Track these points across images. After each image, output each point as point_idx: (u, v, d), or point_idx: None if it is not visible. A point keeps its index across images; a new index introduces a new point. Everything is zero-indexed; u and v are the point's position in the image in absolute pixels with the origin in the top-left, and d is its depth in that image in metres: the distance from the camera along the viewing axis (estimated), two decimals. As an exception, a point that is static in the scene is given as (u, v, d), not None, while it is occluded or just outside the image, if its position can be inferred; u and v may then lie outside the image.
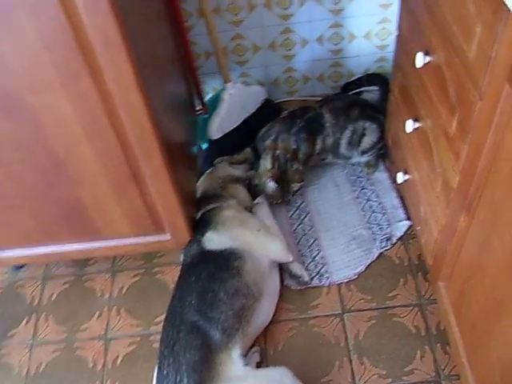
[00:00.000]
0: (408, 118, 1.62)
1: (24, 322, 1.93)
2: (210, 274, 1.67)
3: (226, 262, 1.69)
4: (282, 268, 1.89)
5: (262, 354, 1.75)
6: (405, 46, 1.64)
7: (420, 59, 1.42)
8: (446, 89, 1.33)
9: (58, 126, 1.45)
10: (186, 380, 1.48)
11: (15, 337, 1.90)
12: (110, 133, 1.47)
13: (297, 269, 1.88)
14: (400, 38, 1.68)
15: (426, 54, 1.42)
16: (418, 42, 1.51)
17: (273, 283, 1.81)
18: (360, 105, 2.06)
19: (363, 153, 2.06)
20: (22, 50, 1.27)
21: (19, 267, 2.06)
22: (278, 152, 1.99)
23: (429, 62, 1.42)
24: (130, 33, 1.30)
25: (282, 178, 1.98)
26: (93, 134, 1.47)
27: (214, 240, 1.75)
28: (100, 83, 1.35)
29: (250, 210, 1.96)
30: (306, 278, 1.87)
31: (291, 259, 1.85)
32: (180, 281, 1.75)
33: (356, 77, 2.29)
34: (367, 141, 2.03)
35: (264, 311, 1.74)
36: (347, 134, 2.01)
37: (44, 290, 2.00)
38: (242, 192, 2.00)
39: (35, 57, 1.29)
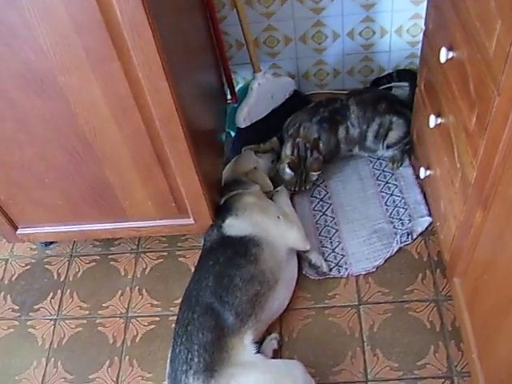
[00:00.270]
0: (431, 113, 1.62)
1: (50, 296, 2.00)
2: (227, 259, 1.71)
3: (244, 249, 1.72)
4: (301, 257, 1.91)
5: (280, 341, 1.78)
6: (431, 41, 1.64)
7: (444, 54, 1.43)
8: (468, 85, 1.34)
9: (86, 107, 1.50)
10: (196, 359, 1.52)
11: (41, 310, 1.97)
12: (136, 115, 1.52)
13: (316, 259, 1.90)
14: (427, 34, 1.68)
15: (450, 49, 1.42)
16: (443, 37, 1.51)
17: (290, 272, 1.84)
18: (388, 99, 2.07)
19: (388, 147, 2.07)
20: (55, 33, 1.33)
21: (48, 244, 2.13)
22: (298, 140, 2.01)
23: (452, 58, 1.42)
24: (159, 19, 1.35)
25: (299, 166, 2.00)
26: (120, 116, 1.52)
27: (234, 226, 1.78)
28: (128, 67, 1.39)
29: (270, 196, 1.99)
30: (325, 269, 1.89)
31: (308, 247, 1.87)
32: (198, 264, 1.79)
33: (386, 72, 2.30)
34: (393, 135, 2.04)
35: (279, 299, 1.77)
36: (374, 126, 2.02)
37: (70, 267, 2.07)
38: (263, 179, 2.02)
39: (66, 39, 1.34)
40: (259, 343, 1.71)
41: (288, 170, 1.99)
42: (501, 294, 1.29)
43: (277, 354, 1.75)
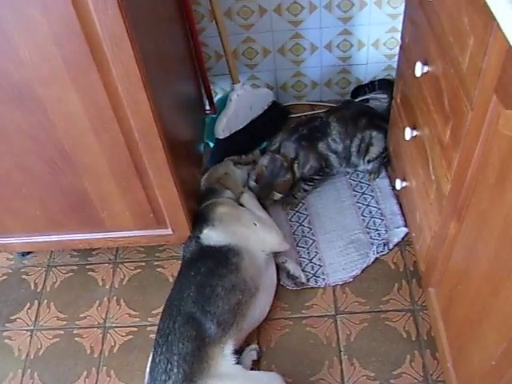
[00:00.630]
0: (407, 126, 1.65)
1: (27, 307, 1.98)
2: (209, 270, 1.72)
3: (224, 259, 1.73)
4: (280, 268, 1.92)
5: (259, 353, 1.79)
6: (407, 55, 1.68)
7: (419, 68, 1.45)
8: (442, 99, 1.37)
9: (65, 118, 1.50)
10: (175, 370, 1.53)
11: (17, 321, 1.95)
12: (115, 127, 1.52)
13: (294, 269, 1.92)
14: (403, 47, 1.72)
15: (425, 63, 1.45)
16: (418, 51, 1.54)
17: (269, 278, 1.85)
18: (367, 114, 2.10)
19: (369, 161, 2.09)
20: (34, 44, 1.33)
21: (25, 254, 2.12)
22: (278, 156, 2.03)
23: (427, 72, 1.45)
24: (138, 32, 1.36)
25: (267, 181, 2.02)
26: (99, 127, 1.52)
27: (212, 237, 1.79)
28: (107, 78, 1.40)
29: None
30: (303, 280, 1.91)
31: (288, 247, 1.90)
32: (179, 275, 1.80)
33: (368, 81, 2.33)
34: (374, 150, 2.06)
35: (260, 306, 1.78)
36: (356, 142, 2.04)
37: (48, 277, 2.05)
38: (234, 183, 2.05)
39: (46, 51, 1.34)
40: (239, 353, 1.72)
41: (252, 182, 2.03)
42: (474, 304, 1.31)
43: (256, 365, 1.76)
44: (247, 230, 1.83)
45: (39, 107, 1.47)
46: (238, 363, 1.62)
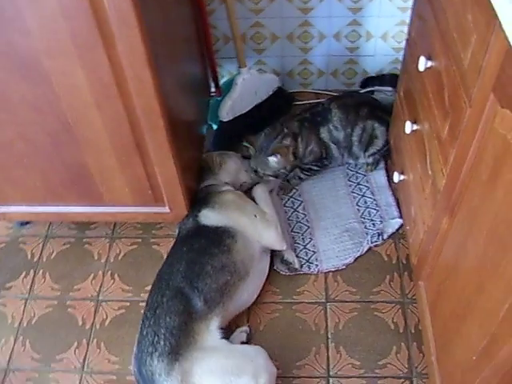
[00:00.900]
0: (408, 120, 1.66)
1: (22, 275, 2.02)
2: (201, 247, 1.74)
3: (218, 239, 1.76)
4: (274, 253, 1.94)
5: (249, 335, 1.81)
6: (412, 49, 1.68)
7: (422, 63, 1.46)
8: (443, 94, 1.38)
9: (70, 91, 1.52)
10: (162, 342, 1.56)
11: (12, 289, 1.99)
12: (118, 103, 1.53)
13: (288, 255, 1.94)
14: (409, 41, 1.72)
15: (429, 58, 1.46)
16: (423, 46, 1.55)
17: (261, 267, 1.87)
18: (370, 104, 2.10)
19: (371, 155, 2.10)
20: (42, 15, 1.34)
21: (24, 224, 2.14)
22: (278, 124, 2.05)
23: (430, 67, 1.46)
24: (146, 9, 1.37)
25: (263, 144, 2.04)
26: (102, 102, 1.54)
27: (210, 217, 1.81)
28: (112, 54, 1.41)
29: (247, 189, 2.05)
30: (297, 265, 1.93)
31: (285, 247, 1.90)
32: (172, 250, 1.82)
33: (378, 73, 2.33)
34: (378, 143, 2.07)
35: (248, 291, 1.80)
36: (358, 131, 2.04)
37: (44, 248, 2.08)
38: (235, 170, 2.08)
39: (53, 23, 1.35)
40: (226, 332, 1.74)
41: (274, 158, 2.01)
42: (460, 299, 1.33)
43: None
44: (246, 220, 1.84)
45: (44, 79, 1.48)
46: (223, 338, 1.64)
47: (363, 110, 2.06)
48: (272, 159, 1.99)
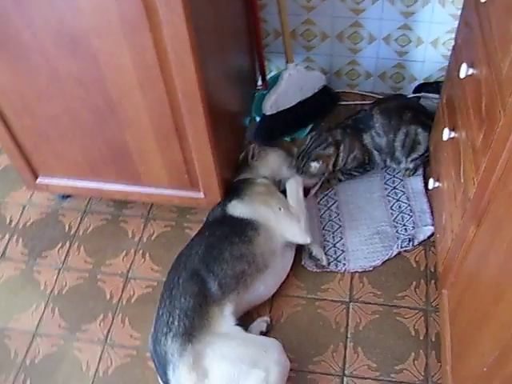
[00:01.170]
0: (446, 127, 1.65)
1: (58, 246, 2.09)
2: (222, 235, 1.78)
3: (241, 229, 1.79)
4: (303, 248, 1.96)
5: (269, 325, 1.83)
6: (457, 56, 1.67)
7: (464, 70, 1.45)
8: (481, 103, 1.36)
9: (115, 71, 1.57)
10: (176, 323, 1.59)
11: (48, 258, 2.06)
12: (160, 87, 1.58)
13: (317, 251, 1.95)
14: (455, 49, 1.71)
15: (471, 66, 1.45)
16: (467, 53, 1.54)
17: (282, 264, 1.88)
18: (414, 109, 2.08)
19: (413, 160, 2.09)
20: (93, -5, 1.41)
21: (65, 197, 2.22)
22: (323, 132, 2.09)
23: (472, 75, 1.45)
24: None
25: (307, 149, 2.07)
26: (145, 84, 1.59)
27: (238, 208, 1.84)
28: (157, 38, 1.46)
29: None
30: (324, 262, 1.93)
31: (309, 241, 1.90)
32: (195, 235, 1.87)
33: (434, 80, 2.29)
34: (420, 149, 2.05)
35: (266, 285, 1.81)
36: (400, 136, 2.03)
37: (82, 222, 2.15)
38: (277, 164, 2.09)
39: (104, 4, 1.41)
40: (247, 321, 1.78)
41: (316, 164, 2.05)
42: (477, 310, 1.32)
43: None
44: (270, 212, 1.85)
45: (92, 57, 1.54)
46: (238, 325, 1.66)
47: (407, 114, 2.04)
48: (314, 165, 2.04)
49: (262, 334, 1.80)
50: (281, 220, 1.86)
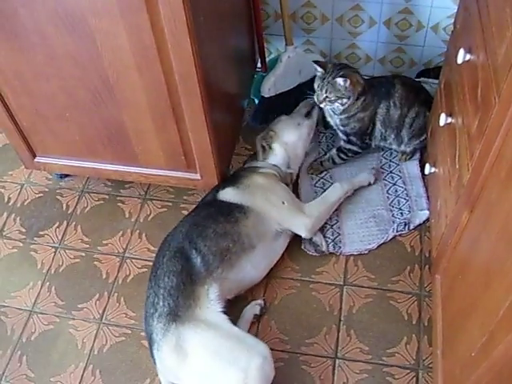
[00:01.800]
0: (443, 112, 1.65)
1: (56, 225, 2.10)
2: (208, 214, 1.80)
3: (227, 211, 1.80)
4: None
5: (264, 308, 1.84)
6: (455, 41, 1.66)
7: (461, 56, 1.45)
8: (477, 89, 1.36)
9: (112, 51, 1.57)
10: (161, 303, 1.62)
11: (45, 237, 2.08)
12: (157, 67, 1.58)
13: (317, 237, 1.94)
14: (453, 34, 1.70)
15: (468, 51, 1.44)
16: (465, 39, 1.53)
17: (274, 247, 1.87)
18: (427, 93, 2.07)
19: (414, 145, 2.07)
20: (90, -26, 1.40)
21: (62, 176, 2.22)
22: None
23: (469, 60, 1.44)
24: (191, -23, 1.40)
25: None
26: (142, 64, 1.58)
27: (229, 194, 1.85)
28: (155, 19, 1.45)
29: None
30: (324, 248, 1.93)
31: (309, 237, 1.91)
32: (184, 217, 1.89)
33: (437, 65, 2.27)
34: (424, 135, 2.04)
35: (254, 265, 1.80)
36: (412, 113, 1.99)
37: (79, 201, 2.16)
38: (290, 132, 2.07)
39: (101, -17, 1.41)
40: (242, 304, 1.80)
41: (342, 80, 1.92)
42: (467, 295, 1.33)
43: (257, 320, 1.82)
44: (270, 204, 1.85)
45: (89, 37, 1.54)
46: (225, 313, 1.65)
47: (421, 94, 2.03)
48: (340, 80, 1.89)
49: (256, 316, 1.82)
50: (283, 213, 1.86)
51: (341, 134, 2.08)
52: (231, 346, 1.57)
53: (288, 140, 2.06)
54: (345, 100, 1.93)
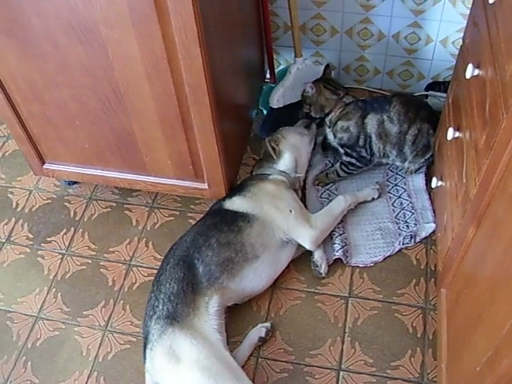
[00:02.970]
0: (451, 126, 1.66)
1: (63, 232, 2.12)
2: (212, 224, 1.82)
3: (232, 220, 1.81)
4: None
5: (270, 332, 1.81)
6: (464, 56, 1.67)
7: (470, 71, 1.45)
8: (485, 104, 1.37)
9: (123, 61, 1.59)
10: (160, 306, 1.65)
11: (52, 243, 2.09)
12: (167, 77, 1.59)
13: (318, 257, 1.91)
14: (462, 49, 1.71)
15: (477, 67, 1.45)
16: (474, 54, 1.54)
17: (278, 257, 1.86)
18: (429, 110, 2.07)
19: (419, 163, 2.07)
20: (103, -15, 1.42)
21: (71, 183, 2.24)
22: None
23: (477, 75, 1.45)
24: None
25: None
26: (153, 74, 1.60)
27: (235, 203, 1.86)
28: (166, 29, 1.47)
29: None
30: (322, 270, 1.91)
31: (313, 249, 1.90)
32: (191, 227, 1.91)
33: (445, 79, 2.29)
34: (429, 152, 2.04)
35: (256, 275, 1.80)
36: (413, 130, 1.99)
37: (87, 208, 2.17)
38: (296, 144, 2.07)
39: (113, -7, 1.42)
40: (245, 311, 1.81)
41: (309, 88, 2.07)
42: (473, 309, 1.33)
43: (262, 343, 1.80)
44: (277, 212, 1.85)
45: (101, 46, 1.56)
46: (220, 332, 1.67)
47: (423, 111, 2.03)
48: (307, 88, 2.06)
49: (261, 339, 1.79)
50: (290, 222, 1.85)
51: (338, 147, 2.10)
52: (222, 370, 1.57)
53: (294, 142, 2.07)
54: (307, 106, 2.09)
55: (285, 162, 2.03)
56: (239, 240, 1.77)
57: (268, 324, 1.82)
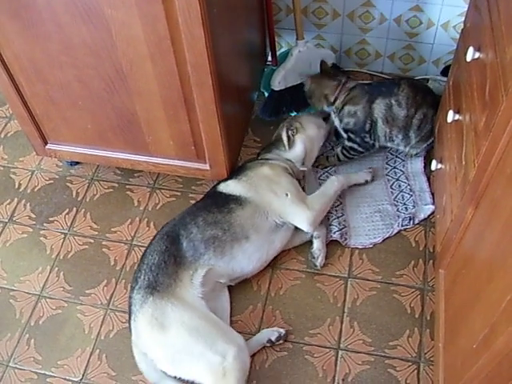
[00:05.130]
0: (451, 109, 1.67)
1: (65, 212, 2.13)
2: (203, 205, 1.87)
3: (224, 202, 1.84)
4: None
5: (281, 338, 1.78)
6: (465, 39, 1.68)
7: (470, 54, 1.46)
8: (485, 87, 1.38)
9: (127, 41, 1.59)
10: (142, 277, 1.71)
11: (54, 223, 2.11)
12: (170, 57, 1.60)
13: (317, 249, 1.92)
14: (464, 32, 1.72)
15: (478, 50, 1.46)
16: (474, 37, 1.55)
17: (271, 238, 1.85)
18: (434, 95, 2.08)
19: (421, 148, 2.09)
20: (107, -35, 1.42)
21: (73, 164, 2.25)
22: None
23: (478, 58, 1.47)
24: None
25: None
26: (156, 55, 1.61)
27: (230, 186, 1.88)
28: (169, 9, 1.48)
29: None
30: (318, 263, 1.91)
31: (311, 231, 1.90)
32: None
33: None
34: (431, 139, 2.05)
35: (245, 256, 1.81)
36: (420, 115, 2.00)
37: (89, 189, 2.19)
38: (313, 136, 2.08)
39: (117, -27, 1.43)
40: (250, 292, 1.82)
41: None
42: (470, 289, 1.36)
43: (270, 344, 1.78)
44: (273, 195, 1.85)
45: (104, 26, 1.57)
46: (203, 298, 1.70)
47: (430, 97, 2.04)
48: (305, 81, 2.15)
49: (269, 341, 1.78)
50: (286, 205, 1.86)
51: (341, 132, 2.11)
52: (209, 329, 1.62)
53: (312, 135, 2.07)
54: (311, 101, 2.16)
55: (295, 153, 2.03)
56: (227, 220, 1.79)
57: (283, 331, 1.79)
